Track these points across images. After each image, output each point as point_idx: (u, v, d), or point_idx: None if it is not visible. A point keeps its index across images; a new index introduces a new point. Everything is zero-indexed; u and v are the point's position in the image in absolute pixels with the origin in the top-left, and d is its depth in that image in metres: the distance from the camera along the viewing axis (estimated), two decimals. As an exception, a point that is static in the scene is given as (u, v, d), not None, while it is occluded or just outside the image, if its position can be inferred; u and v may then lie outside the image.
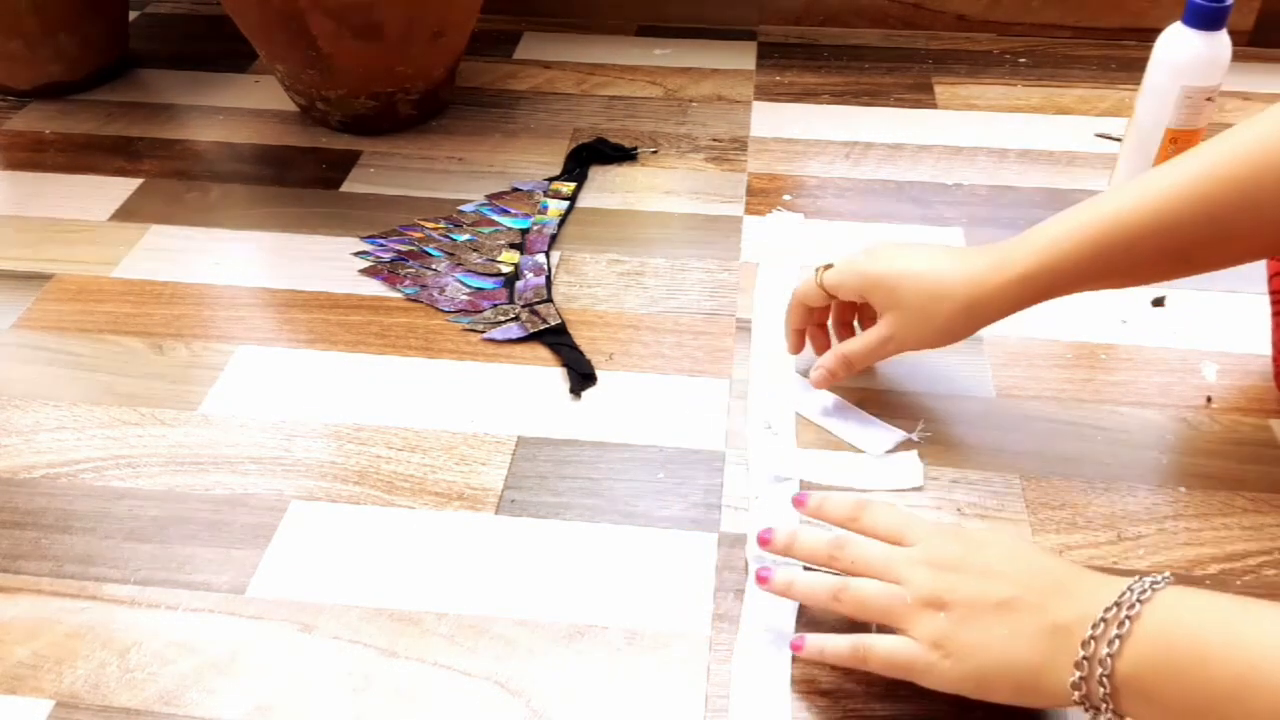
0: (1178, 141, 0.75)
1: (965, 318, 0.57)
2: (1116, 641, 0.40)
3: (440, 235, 0.80)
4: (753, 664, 0.50)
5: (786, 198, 0.85)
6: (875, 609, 0.47)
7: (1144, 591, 0.41)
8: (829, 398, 0.65)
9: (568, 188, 0.85)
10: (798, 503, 0.54)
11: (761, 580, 0.51)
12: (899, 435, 0.62)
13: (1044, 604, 0.43)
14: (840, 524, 0.52)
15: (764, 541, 0.52)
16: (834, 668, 0.50)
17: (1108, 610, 0.41)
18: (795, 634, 0.50)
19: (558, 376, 0.67)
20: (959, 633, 0.44)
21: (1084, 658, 0.41)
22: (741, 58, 1.06)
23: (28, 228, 0.82)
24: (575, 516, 0.58)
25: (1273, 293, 0.64)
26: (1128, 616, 0.41)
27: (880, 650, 0.46)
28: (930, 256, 0.58)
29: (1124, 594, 0.42)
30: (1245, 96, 0.98)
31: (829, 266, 0.61)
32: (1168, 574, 0.43)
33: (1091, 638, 0.41)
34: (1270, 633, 0.39)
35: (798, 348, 0.66)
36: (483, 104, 0.98)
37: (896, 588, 0.46)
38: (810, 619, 0.52)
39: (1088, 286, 0.56)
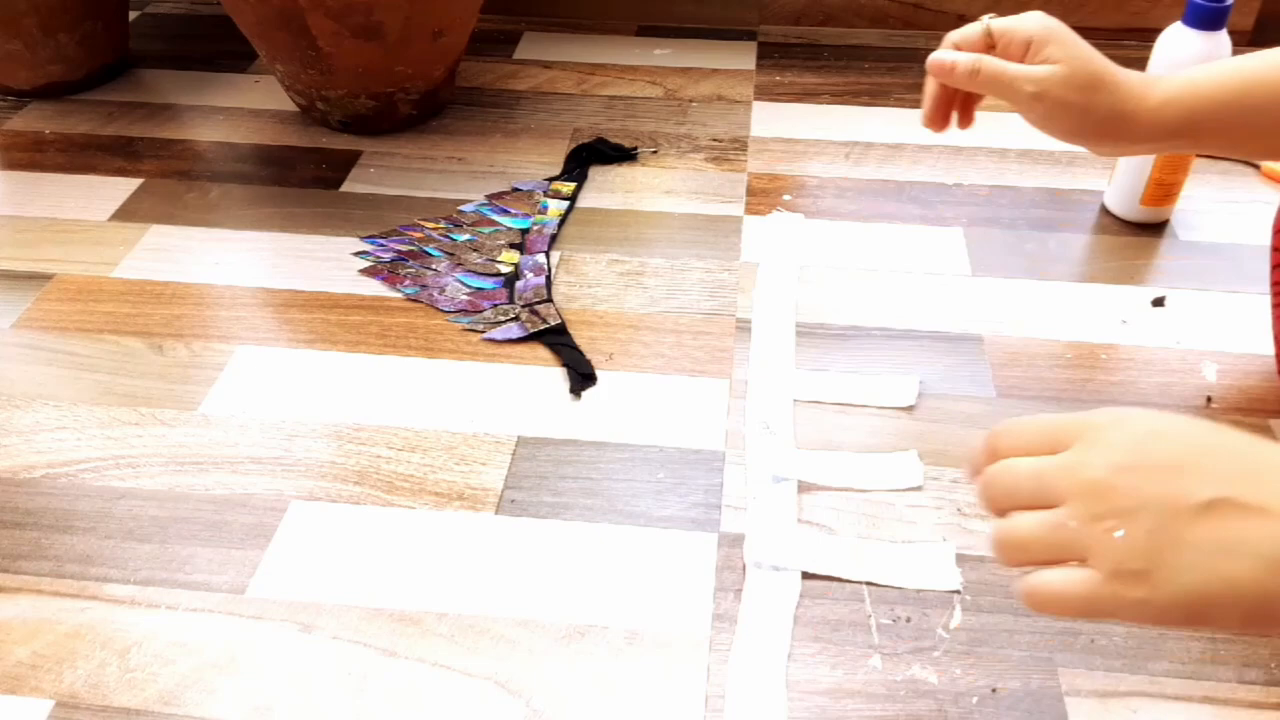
0: (1178, 141, 0.75)
1: (1111, 120, 0.54)
2: None
3: (440, 235, 0.80)
4: (749, 664, 0.50)
5: (786, 198, 0.85)
6: (1038, 549, 0.37)
7: None
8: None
9: (568, 188, 0.85)
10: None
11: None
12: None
13: (1265, 506, 0.33)
14: (978, 468, 0.42)
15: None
16: (832, 667, 0.50)
17: None
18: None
19: (558, 376, 0.67)
20: (1154, 551, 0.34)
21: None
22: (741, 58, 1.06)
23: (27, 228, 0.82)
24: (575, 516, 0.58)
25: (1274, 284, 0.63)
26: None
27: (1046, 590, 0.36)
28: (1093, 55, 0.54)
29: None
30: (1245, 96, 0.98)
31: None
32: None
33: None
34: None
35: (935, 117, 0.61)
36: (483, 104, 0.98)
37: (1054, 513, 0.37)
38: (800, 618, 0.51)
39: (1216, 141, 0.54)
